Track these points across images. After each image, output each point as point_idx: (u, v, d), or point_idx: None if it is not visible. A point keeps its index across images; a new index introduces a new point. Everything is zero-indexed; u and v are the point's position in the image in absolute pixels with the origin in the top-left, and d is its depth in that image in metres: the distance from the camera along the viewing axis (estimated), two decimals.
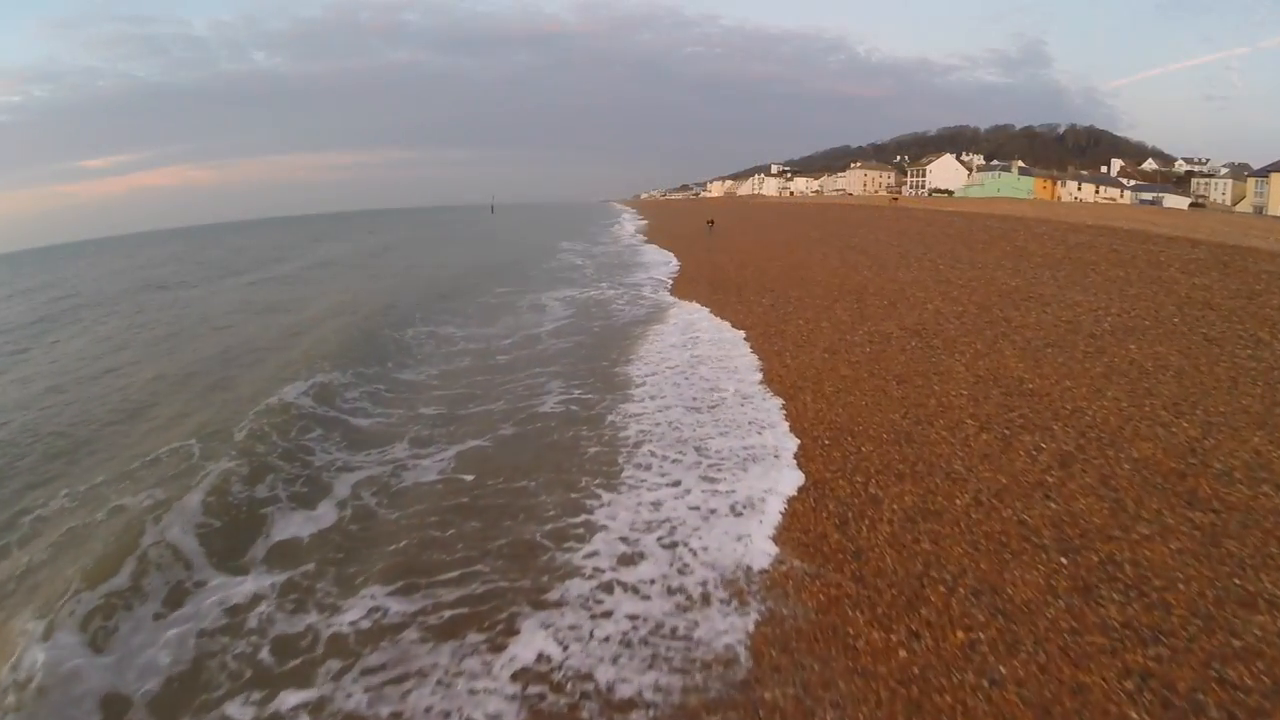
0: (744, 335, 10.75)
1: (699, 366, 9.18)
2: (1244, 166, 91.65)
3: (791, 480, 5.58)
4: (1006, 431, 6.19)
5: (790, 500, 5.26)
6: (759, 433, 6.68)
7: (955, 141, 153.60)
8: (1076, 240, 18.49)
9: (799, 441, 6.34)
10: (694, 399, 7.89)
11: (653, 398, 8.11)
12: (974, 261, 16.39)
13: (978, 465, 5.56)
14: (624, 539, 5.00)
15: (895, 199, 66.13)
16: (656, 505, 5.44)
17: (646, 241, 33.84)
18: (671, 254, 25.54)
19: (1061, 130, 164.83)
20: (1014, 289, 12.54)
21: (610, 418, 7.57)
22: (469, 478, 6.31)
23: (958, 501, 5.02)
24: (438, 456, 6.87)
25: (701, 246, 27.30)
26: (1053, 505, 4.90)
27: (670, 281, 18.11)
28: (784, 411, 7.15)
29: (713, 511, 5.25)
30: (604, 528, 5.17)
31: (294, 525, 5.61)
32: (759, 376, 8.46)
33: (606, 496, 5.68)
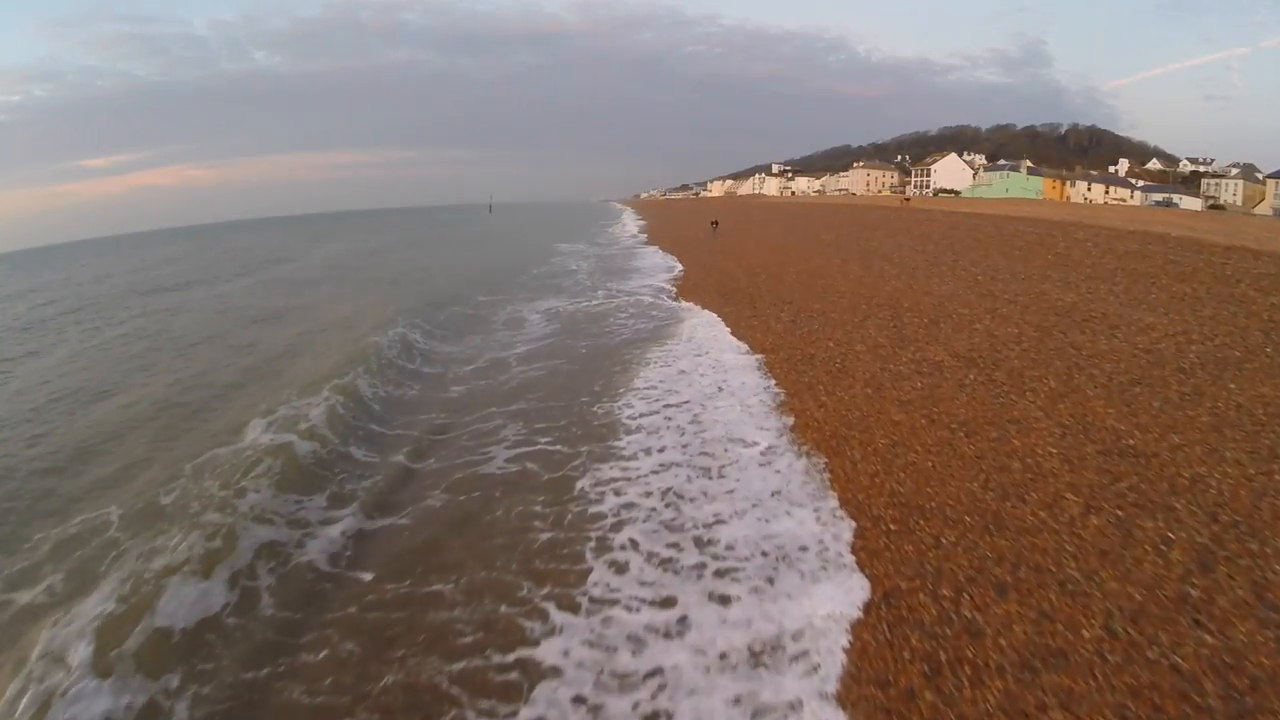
0: (762, 359, 9.38)
1: (708, 405, 7.69)
2: (1250, 167, 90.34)
3: (852, 592, 4.13)
4: (1119, 513, 4.81)
5: (854, 626, 3.85)
6: (789, 512, 5.13)
7: (956, 141, 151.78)
8: (1125, 248, 16.97)
9: (853, 524, 4.90)
10: (701, 453, 6.34)
11: (646, 451, 6.50)
12: (1015, 272, 14.92)
13: (1098, 570, 4.19)
14: (581, 699, 3.41)
15: (906, 199, 64.45)
16: (637, 644, 3.77)
17: (647, 243, 32.62)
18: (674, 257, 24.25)
19: (1063, 130, 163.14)
20: (1071, 306, 11.09)
21: (580, 483, 5.94)
22: (366, 576, 4.84)
23: (1085, 633, 3.66)
24: (334, 534, 5.46)
25: (706, 249, 25.94)
26: (1208, 638, 3.56)
27: (674, 290, 16.70)
28: (827, 475, 5.70)
29: (723, 658, 3.64)
30: (551, 673, 3.62)
31: (178, 601, 4.42)
32: (789, 420, 7.03)
33: (559, 618, 4.08)
